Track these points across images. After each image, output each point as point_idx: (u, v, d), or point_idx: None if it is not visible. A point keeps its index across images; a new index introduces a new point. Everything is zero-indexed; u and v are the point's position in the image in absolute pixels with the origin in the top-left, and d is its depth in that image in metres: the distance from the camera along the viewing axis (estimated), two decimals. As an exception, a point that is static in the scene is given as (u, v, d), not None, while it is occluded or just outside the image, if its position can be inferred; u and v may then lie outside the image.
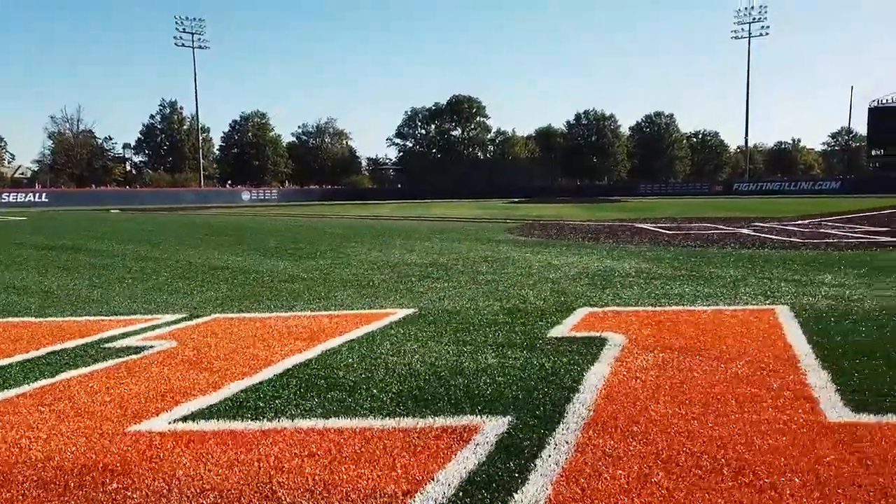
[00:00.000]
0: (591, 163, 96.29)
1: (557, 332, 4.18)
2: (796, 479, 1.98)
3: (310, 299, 5.51)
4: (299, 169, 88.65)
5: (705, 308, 4.86)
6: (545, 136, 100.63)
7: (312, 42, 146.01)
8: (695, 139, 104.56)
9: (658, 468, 2.08)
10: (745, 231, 11.41)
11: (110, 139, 75.52)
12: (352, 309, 5.06)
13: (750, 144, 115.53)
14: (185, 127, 77.17)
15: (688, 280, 6.17)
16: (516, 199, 46.30)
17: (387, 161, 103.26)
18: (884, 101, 61.81)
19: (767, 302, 5.02)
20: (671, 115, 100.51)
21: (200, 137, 73.68)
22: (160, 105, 77.32)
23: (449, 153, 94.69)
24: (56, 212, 31.91)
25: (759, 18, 70.51)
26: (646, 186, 73.35)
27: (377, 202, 50.03)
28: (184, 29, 66.57)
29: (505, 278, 6.47)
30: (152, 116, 77.42)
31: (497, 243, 10.14)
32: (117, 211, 32.15)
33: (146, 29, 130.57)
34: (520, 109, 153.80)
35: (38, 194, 53.69)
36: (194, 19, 66.92)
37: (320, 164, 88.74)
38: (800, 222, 14.04)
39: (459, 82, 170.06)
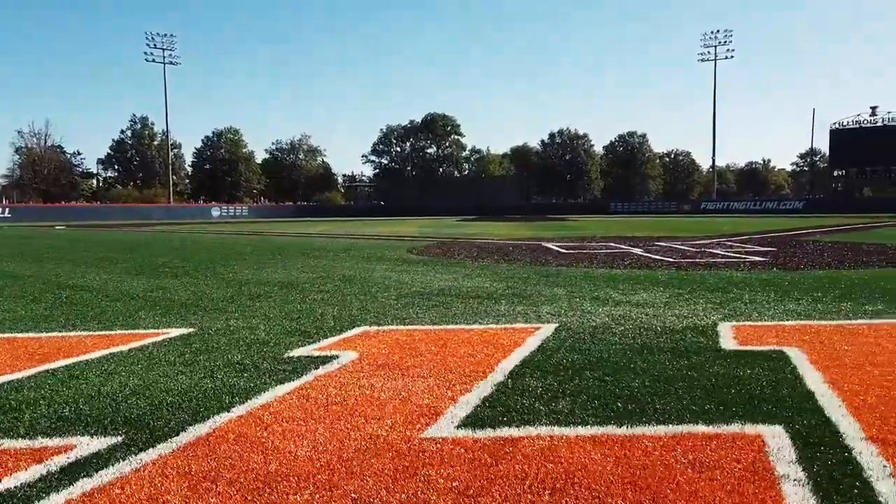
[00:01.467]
0: (565, 181, 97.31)
1: (301, 351, 4.15)
2: None
3: (105, 319, 5.43)
4: (274, 185, 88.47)
5: (480, 327, 4.88)
6: (520, 154, 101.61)
7: (287, 58, 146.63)
8: (667, 159, 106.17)
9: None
10: (635, 251, 11.50)
11: (79, 154, 74.93)
12: (135, 328, 4.99)
13: (722, 164, 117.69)
14: (156, 142, 76.83)
15: (503, 299, 6.18)
16: (471, 217, 46.55)
17: (363, 178, 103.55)
18: (844, 124, 63.32)
19: (543, 320, 5.05)
20: (644, 135, 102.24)
21: (171, 153, 73.33)
22: (131, 120, 77.17)
23: (424, 171, 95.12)
24: None
25: (725, 42, 72.13)
26: (616, 205, 74.21)
27: (340, 219, 49.93)
28: (154, 45, 66.62)
29: (332, 297, 6.42)
30: (123, 132, 77.11)
31: (378, 261, 10.11)
32: (63, 228, 31.70)
33: (119, 43, 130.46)
34: (496, 128, 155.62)
35: (1, 209, 52.85)
36: (165, 35, 67.06)
37: (294, 181, 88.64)
38: (699, 241, 14.19)
39: (435, 100, 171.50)
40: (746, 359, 3.85)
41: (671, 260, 9.86)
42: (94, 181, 77.12)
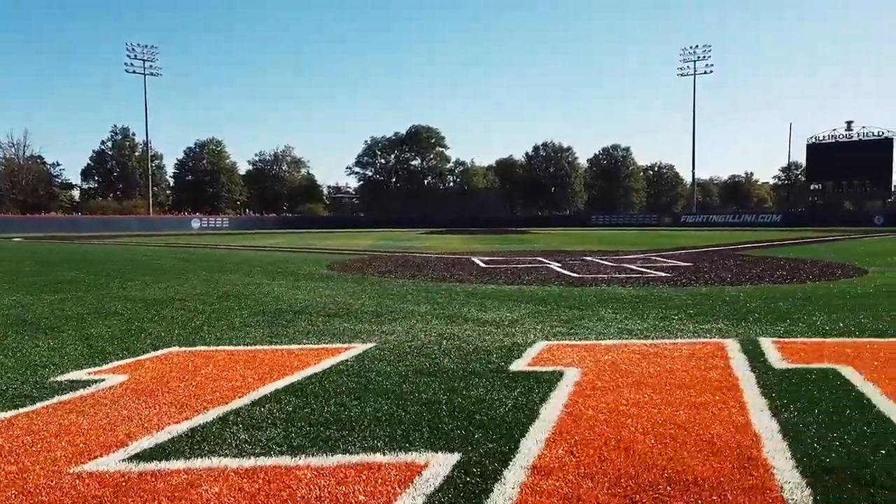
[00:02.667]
0: (549, 193, 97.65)
1: (71, 375, 4.04)
2: None
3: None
4: (257, 197, 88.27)
5: (296, 347, 4.80)
6: (505, 166, 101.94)
7: (271, 69, 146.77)
8: (651, 172, 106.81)
9: None
10: (552, 265, 11.48)
11: (58, 165, 74.53)
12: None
13: (706, 177, 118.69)
14: (136, 154, 76.54)
15: (353, 316, 6.11)
16: (440, 230, 46.57)
17: (348, 189, 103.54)
18: (820, 138, 63.95)
19: (365, 339, 4.98)
20: (627, 149, 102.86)
21: (150, 164, 73.01)
22: (111, 131, 76.82)
23: (408, 183, 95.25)
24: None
25: (704, 57, 72.90)
26: (597, 217, 74.55)
27: (317, 230, 49.81)
28: (135, 55, 66.45)
29: (181, 315, 6.34)
30: (103, 143, 76.78)
31: (282, 276, 10.04)
32: (20, 239, 31.42)
33: (102, 54, 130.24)
34: (480, 140, 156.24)
35: (-25, 220, 52.36)
36: (146, 46, 66.90)
37: (277, 192, 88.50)
38: (627, 256, 14.18)
39: (419, 112, 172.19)
40: (519, 381, 3.80)
41: (575, 275, 9.83)
42: (74, 192, 76.66)
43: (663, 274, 9.94)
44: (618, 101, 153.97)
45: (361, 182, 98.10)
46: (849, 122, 62.30)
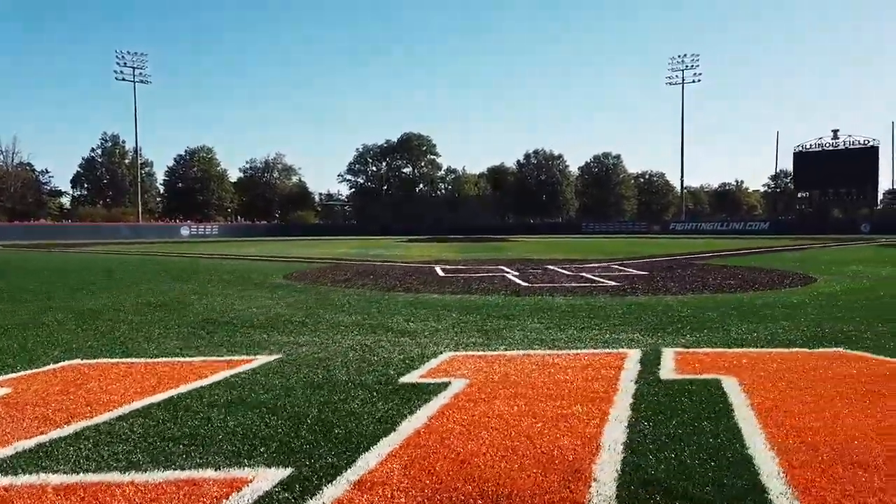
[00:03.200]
0: (541, 201, 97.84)
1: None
2: None
3: None
4: (248, 204, 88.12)
5: (198, 359, 4.80)
6: (497, 174, 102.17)
7: (263, 78, 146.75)
8: (642, 179, 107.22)
9: None
10: (509, 275, 11.51)
11: (47, 172, 74.30)
12: None
13: (696, 185, 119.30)
14: (126, 161, 76.35)
15: (275, 327, 6.12)
16: (425, 238, 46.63)
17: (339, 196, 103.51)
18: (807, 146, 64.37)
19: (273, 351, 4.97)
20: (618, 156, 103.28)
21: (139, 172, 72.88)
22: (101, 139, 76.62)
23: (400, 190, 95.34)
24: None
25: (692, 66, 73.45)
26: (588, 225, 74.86)
27: (305, 238, 49.76)
28: (125, 63, 66.49)
29: (109, 325, 6.34)
30: (93, 150, 76.60)
31: (229, 286, 10.02)
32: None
33: (94, 62, 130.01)
34: (473, 148, 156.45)
35: (-40, 227, 52.16)
36: (136, 54, 66.96)
37: (268, 200, 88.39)
38: (588, 265, 14.21)
39: (411, 120, 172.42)
40: (401, 393, 3.82)
41: (526, 285, 9.86)
42: (64, 199, 76.44)
43: (613, 283, 9.97)
44: (609, 110, 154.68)
45: (353, 189, 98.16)
46: (835, 131, 62.76)
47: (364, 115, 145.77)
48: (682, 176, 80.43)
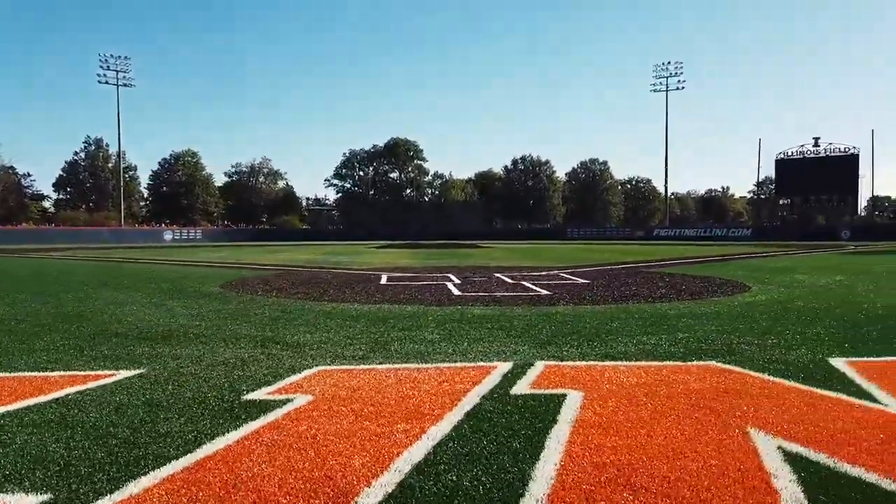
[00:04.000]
0: (528, 207, 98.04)
1: None
2: None
3: None
4: (234, 208, 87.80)
5: (67, 373, 4.71)
6: (484, 179, 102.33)
7: (250, 80, 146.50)
8: (629, 186, 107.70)
9: None
10: (450, 283, 11.48)
11: (29, 176, 73.78)
12: None
13: (683, 191, 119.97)
14: (110, 165, 75.98)
15: (165, 340, 6.03)
16: (398, 243, 46.61)
17: (326, 201, 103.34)
18: (789, 154, 64.86)
19: (143, 365, 4.90)
20: (605, 163, 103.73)
21: (122, 175, 72.54)
22: (85, 142, 76.27)
23: (387, 195, 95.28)
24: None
25: (676, 73, 73.92)
26: (573, 231, 75.00)
27: (285, 243, 49.59)
28: (108, 66, 66.27)
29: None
30: (76, 154, 76.21)
31: (164, 294, 9.94)
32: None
33: (77, 65, 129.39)
34: (460, 153, 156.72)
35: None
36: (119, 57, 66.77)
37: (254, 204, 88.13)
38: (536, 272, 14.16)
39: (398, 124, 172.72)
40: (224, 415, 3.71)
41: (458, 294, 9.82)
42: (46, 203, 75.85)
43: (545, 292, 9.94)
44: (597, 116, 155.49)
45: (340, 194, 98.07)
46: (816, 139, 63.30)
47: (352, 119, 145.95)
48: (665, 182, 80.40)
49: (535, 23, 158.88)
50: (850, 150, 61.56)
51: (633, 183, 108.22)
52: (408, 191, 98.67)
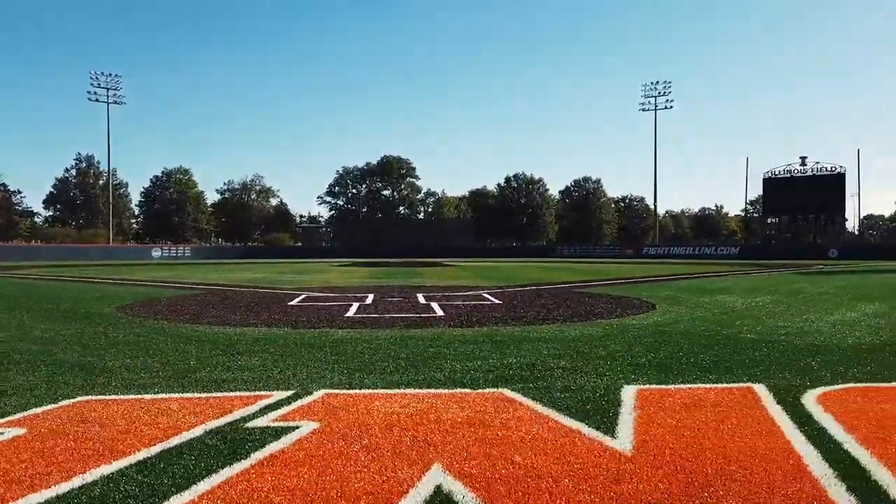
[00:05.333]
0: (521, 225, 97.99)
1: None
2: None
3: None
4: (226, 226, 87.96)
5: None
6: (477, 197, 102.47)
7: (243, 98, 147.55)
8: (622, 204, 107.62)
9: None
10: (363, 303, 11.32)
11: (19, 193, 74.11)
12: None
13: (677, 210, 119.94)
14: (101, 182, 76.30)
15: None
16: (362, 261, 46.51)
17: (319, 219, 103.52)
18: (776, 173, 64.79)
19: None
20: (598, 181, 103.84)
21: (112, 193, 72.81)
22: (76, 159, 76.66)
23: (379, 213, 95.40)
24: None
25: (664, 92, 74.21)
26: (562, 249, 74.81)
27: (272, 261, 49.55)
28: (98, 84, 66.77)
29: None
30: (67, 170, 76.57)
31: (52, 316, 9.78)
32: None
33: (71, 82, 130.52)
34: (454, 171, 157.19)
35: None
36: (110, 74, 67.32)
37: (245, 222, 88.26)
38: (462, 292, 13.96)
39: (391, 143, 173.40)
40: None
41: (349, 315, 9.62)
42: (36, 220, 76.04)
43: (441, 313, 9.76)
44: (591, 134, 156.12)
45: (333, 212, 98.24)
46: (803, 158, 63.30)
47: (346, 136, 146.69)
48: (654, 201, 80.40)
49: (530, 41, 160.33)
50: (836, 169, 61.47)
51: (627, 201, 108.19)
52: (400, 208, 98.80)
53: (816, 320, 8.80)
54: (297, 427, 3.85)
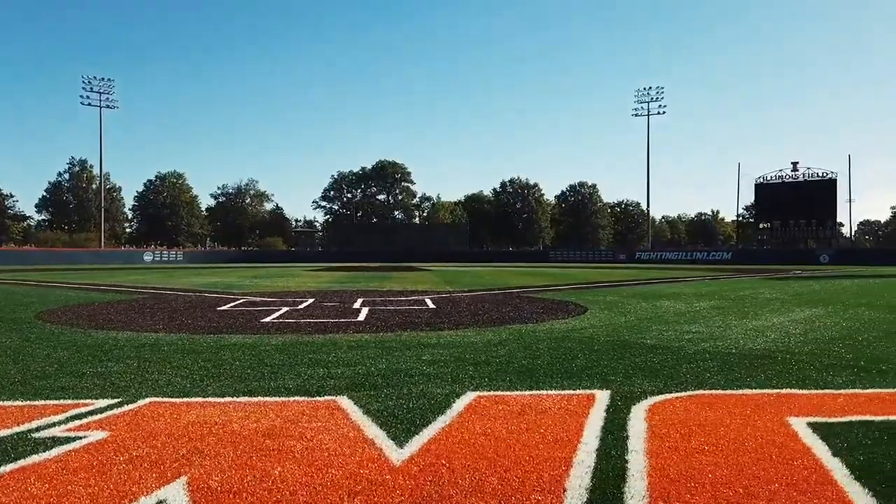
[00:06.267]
0: (516, 229, 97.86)
1: None
2: None
3: None
4: (220, 230, 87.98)
5: None
6: (473, 202, 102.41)
7: (240, 101, 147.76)
8: (618, 209, 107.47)
9: None
10: (298, 308, 11.18)
11: (11, 196, 74.28)
12: None
13: (673, 215, 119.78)
14: (94, 186, 76.42)
15: None
16: (339, 265, 46.35)
17: (316, 223, 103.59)
18: (768, 178, 64.57)
19: None
20: (594, 186, 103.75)
21: (108, 197, 72.92)
22: (69, 163, 76.85)
23: (374, 217, 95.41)
24: None
25: (657, 98, 74.05)
26: (556, 253, 74.57)
27: (264, 265, 49.42)
28: (91, 88, 66.86)
29: None
30: (60, 174, 76.77)
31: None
32: None
33: (65, 87, 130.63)
34: (448, 176, 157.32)
35: None
36: (103, 79, 67.41)
37: (240, 226, 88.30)
38: (410, 296, 13.85)
39: (387, 147, 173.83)
40: None
41: (269, 320, 9.49)
42: (28, 224, 76.16)
43: (362, 318, 9.62)
44: (588, 140, 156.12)
45: (328, 216, 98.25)
46: (794, 163, 63.06)
47: (343, 142, 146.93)
48: (647, 205, 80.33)
49: (526, 46, 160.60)
50: (828, 174, 61.24)
51: (623, 206, 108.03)
52: (396, 213, 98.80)
53: (736, 326, 8.64)
54: (82, 437, 3.70)
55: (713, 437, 3.63)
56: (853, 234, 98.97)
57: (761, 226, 67.19)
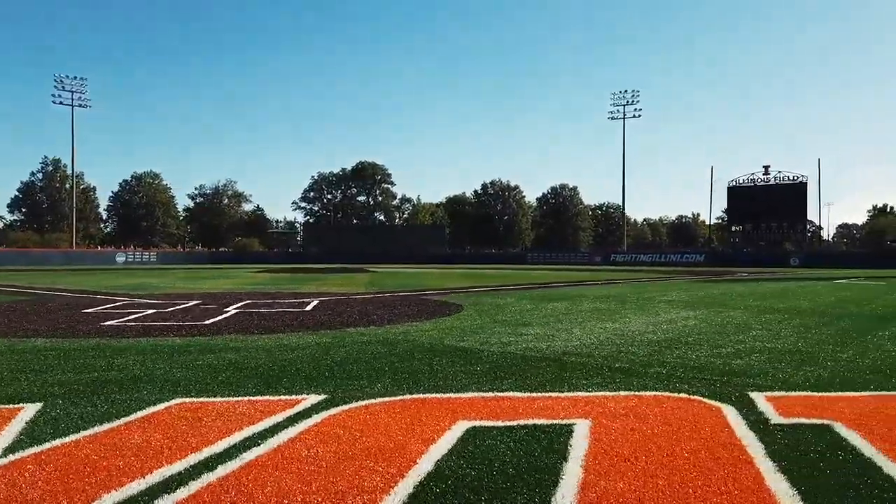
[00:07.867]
0: (497, 231, 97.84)
1: None
2: None
3: None
4: (200, 230, 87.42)
5: None
6: (455, 204, 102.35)
7: (216, 101, 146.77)
8: (599, 211, 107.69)
9: None
10: (149, 311, 11.01)
11: (-16, 196, 73.51)
12: None
13: (655, 217, 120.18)
14: (67, 185, 75.78)
15: None
16: (287, 267, 46.07)
17: (297, 224, 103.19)
18: (740, 182, 64.87)
19: None
20: (575, 188, 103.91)
21: (82, 197, 72.35)
22: (42, 163, 76.16)
23: (354, 219, 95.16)
24: None
25: (633, 101, 74.29)
26: (534, 256, 74.55)
27: (235, 266, 49.07)
28: (63, 87, 66.40)
29: None
30: (33, 174, 76.09)
31: None
32: None
33: (38, 86, 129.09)
34: (432, 178, 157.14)
35: None
36: (75, 78, 66.96)
37: (217, 226, 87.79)
38: (297, 299, 13.69)
39: (367, 148, 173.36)
40: None
41: (110, 324, 9.34)
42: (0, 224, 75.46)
43: (216, 320, 9.46)
44: (570, 142, 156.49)
45: (308, 217, 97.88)
46: (766, 167, 63.37)
47: (323, 141, 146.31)
48: (623, 208, 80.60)
49: (506, 47, 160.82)
50: (798, 178, 61.59)
51: (604, 209, 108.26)
52: (376, 214, 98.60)
53: (581, 329, 8.49)
54: None
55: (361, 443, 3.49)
56: (832, 236, 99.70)
57: (734, 228, 67.52)
